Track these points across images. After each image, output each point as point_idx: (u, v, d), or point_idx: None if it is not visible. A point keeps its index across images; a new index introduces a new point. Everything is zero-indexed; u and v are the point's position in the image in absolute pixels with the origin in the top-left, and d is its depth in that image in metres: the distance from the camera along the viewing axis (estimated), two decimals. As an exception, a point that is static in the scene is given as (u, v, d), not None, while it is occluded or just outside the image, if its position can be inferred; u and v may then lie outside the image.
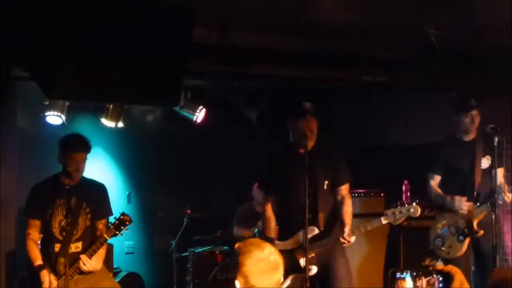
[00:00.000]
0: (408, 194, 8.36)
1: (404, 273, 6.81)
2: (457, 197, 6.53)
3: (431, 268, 3.02)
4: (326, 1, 5.45)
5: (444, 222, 6.62)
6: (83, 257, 5.77)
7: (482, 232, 6.38)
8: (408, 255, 7.72)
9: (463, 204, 6.48)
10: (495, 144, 6.14)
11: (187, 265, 8.09)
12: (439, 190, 6.73)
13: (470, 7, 5.39)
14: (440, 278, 2.95)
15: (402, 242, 7.82)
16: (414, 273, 6.71)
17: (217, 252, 8.00)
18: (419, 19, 5.78)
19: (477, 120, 6.54)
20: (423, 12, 5.60)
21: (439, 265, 3.00)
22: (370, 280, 7.99)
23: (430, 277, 6.09)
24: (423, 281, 6.28)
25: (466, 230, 6.44)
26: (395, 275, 6.83)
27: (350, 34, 6.30)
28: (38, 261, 5.80)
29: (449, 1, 5.29)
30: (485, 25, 5.89)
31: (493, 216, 6.16)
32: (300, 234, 5.75)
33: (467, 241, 6.48)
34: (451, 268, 2.93)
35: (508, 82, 7.15)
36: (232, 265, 3.56)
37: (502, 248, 7.00)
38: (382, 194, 8.37)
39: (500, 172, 6.49)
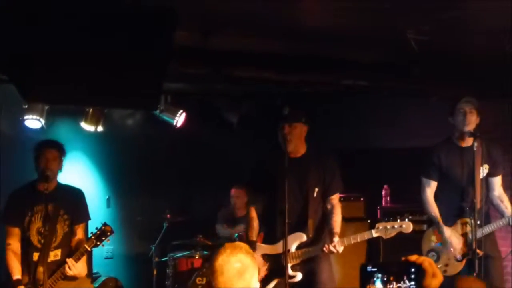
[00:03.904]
0: (388, 198, 8.40)
1: (375, 278, 6.72)
2: (453, 235, 6.18)
3: (403, 258, 2.96)
4: (307, 5, 5.45)
5: (439, 236, 6.30)
6: (70, 261, 5.71)
7: (481, 252, 5.94)
8: (388, 258, 7.72)
9: (458, 250, 6.15)
10: (474, 149, 5.96)
11: (167, 270, 8.07)
12: (436, 211, 6.29)
13: (451, 11, 5.41)
14: (412, 270, 2.90)
15: (382, 246, 7.83)
16: (385, 278, 6.62)
17: (197, 257, 7.98)
18: (400, 23, 5.79)
19: (471, 118, 6.10)
20: (405, 16, 5.62)
21: (412, 256, 2.95)
22: (350, 284, 7.99)
23: (402, 282, 6.08)
24: (394, 286, 6.21)
25: (465, 247, 6.14)
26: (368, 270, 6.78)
27: (330, 39, 6.30)
28: (17, 275, 5.72)
29: (430, 5, 5.30)
30: (467, 29, 5.91)
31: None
32: (287, 239, 5.71)
33: (465, 259, 6.16)
34: (423, 260, 2.89)
35: (492, 87, 7.16)
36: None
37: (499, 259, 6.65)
38: (362, 199, 8.39)
39: (497, 181, 6.31)
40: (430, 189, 6.38)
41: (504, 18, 5.37)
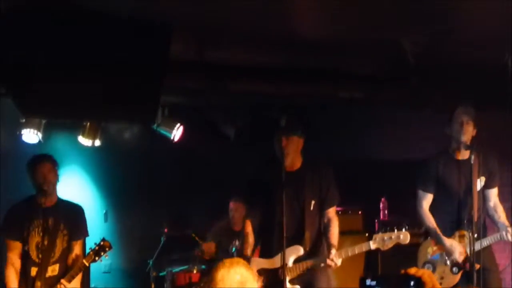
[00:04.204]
0: (386, 211, 8.38)
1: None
2: (454, 244, 6.13)
3: (403, 271, 2.96)
4: (302, 18, 5.47)
5: (436, 248, 6.26)
6: (63, 281, 5.74)
7: (478, 266, 5.85)
8: (386, 271, 7.69)
9: (458, 255, 6.09)
10: (472, 163, 5.90)
11: (165, 285, 8.03)
12: (433, 222, 6.26)
13: (446, 23, 5.44)
14: (412, 283, 2.90)
15: (380, 258, 7.81)
16: None
17: (195, 272, 7.94)
18: (395, 35, 5.81)
19: (467, 128, 6.07)
20: (402, 28, 5.65)
21: (412, 269, 2.95)
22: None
23: None
24: None
25: (461, 262, 6.08)
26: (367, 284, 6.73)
27: (327, 51, 6.32)
28: (13, 285, 5.74)
29: (425, 17, 5.32)
30: (464, 41, 5.93)
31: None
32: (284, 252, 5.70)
33: (461, 272, 6.10)
34: (423, 272, 2.89)
35: (490, 97, 7.16)
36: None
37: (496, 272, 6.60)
38: (360, 212, 8.37)
39: (493, 193, 6.29)
40: (426, 201, 6.34)
41: (502, 30, 5.41)
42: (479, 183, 6.12)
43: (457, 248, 6.13)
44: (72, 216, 6.03)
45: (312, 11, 5.26)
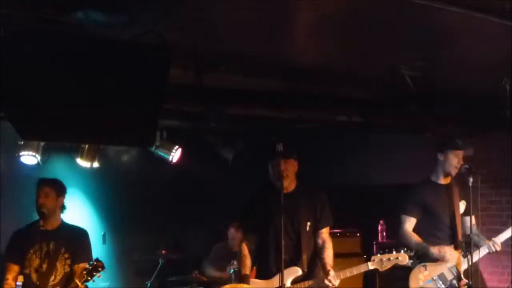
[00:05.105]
0: (384, 233, 8.39)
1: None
2: (447, 248, 6.24)
3: None
4: (301, 43, 5.50)
5: (427, 273, 6.28)
6: None
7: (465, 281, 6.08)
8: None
9: (454, 256, 6.20)
10: (470, 184, 6.03)
11: (163, 307, 8.02)
12: (419, 238, 6.36)
13: (444, 49, 5.47)
14: None
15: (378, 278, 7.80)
16: None
17: (193, 293, 7.92)
18: (394, 61, 5.84)
19: (457, 158, 6.31)
20: (401, 53, 5.67)
21: None
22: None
23: None
24: None
25: (454, 281, 6.19)
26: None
27: (325, 75, 6.34)
28: None
29: (424, 43, 5.35)
30: (459, 66, 5.96)
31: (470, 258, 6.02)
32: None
33: None
34: None
35: (484, 122, 7.19)
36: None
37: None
38: (358, 234, 8.37)
39: (473, 220, 6.40)
40: (409, 224, 6.47)
41: (500, 54, 5.44)
42: (462, 206, 6.34)
43: (448, 251, 6.22)
44: (74, 240, 6.03)
45: (312, 38, 5.30)
